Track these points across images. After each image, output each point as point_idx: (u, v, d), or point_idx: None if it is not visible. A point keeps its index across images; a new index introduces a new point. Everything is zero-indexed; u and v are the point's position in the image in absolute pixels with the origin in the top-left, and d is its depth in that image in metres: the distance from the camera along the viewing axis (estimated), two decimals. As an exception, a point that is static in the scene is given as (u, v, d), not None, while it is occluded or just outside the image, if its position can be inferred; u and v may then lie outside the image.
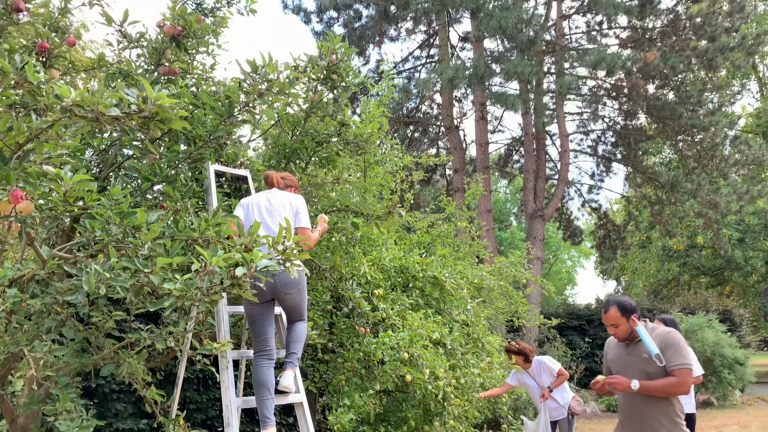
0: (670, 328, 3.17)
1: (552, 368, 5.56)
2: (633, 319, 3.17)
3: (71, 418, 2.94)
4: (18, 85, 2.23)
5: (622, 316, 3.17)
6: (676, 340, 3.07)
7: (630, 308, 3.19)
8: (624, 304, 3.19)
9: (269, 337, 3.44)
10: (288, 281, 3.38)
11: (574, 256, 38.04)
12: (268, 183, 3.65)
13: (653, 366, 3.06)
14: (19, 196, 2.15)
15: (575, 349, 14.76)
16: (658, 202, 17.54)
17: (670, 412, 3.08)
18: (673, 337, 3.09)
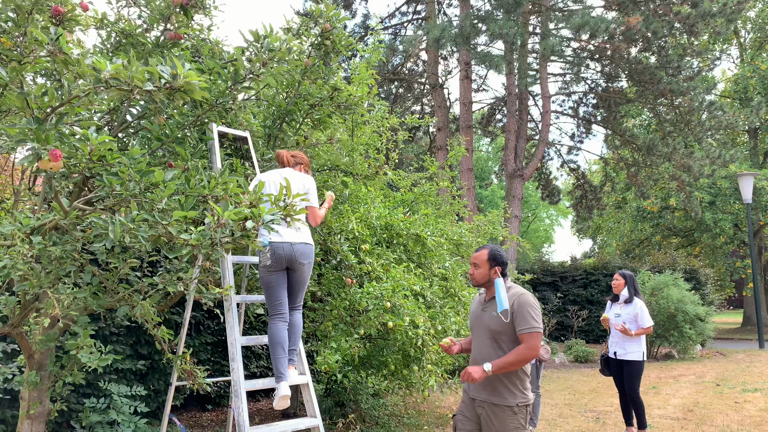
0: (522, 291, 3.09)
1: None
2: (496, 270, 3.14)
3: (91, 352, 3.29)
4: (52, 54, 2.48)
5: (487, 261, 3.15)
6: (527, 303, 3.02)
7: (499, 260, 3.16)
8: (495, 253, 3.17)
9: (284, 302, 3.83)
10: (305, 251, 3.81)
11: (552, 215, 38.86)
12: (279, 161, 3.98)
13: (500, 324, 3.03)
14: (58, 155, 2.43)
15: (548, 304, 15.45)
16: (635, 164, 18.05)
17: (511, 373, 3.03)
18: (524, 299, 3.03)
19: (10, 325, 3.64)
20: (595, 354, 12.72)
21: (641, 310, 5.66)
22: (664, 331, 12.34)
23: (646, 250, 21.75)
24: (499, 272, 3.15)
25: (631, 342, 5.66)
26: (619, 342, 5.74)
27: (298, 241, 3.81)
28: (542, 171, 20.59)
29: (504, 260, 3.18)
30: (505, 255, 3.20)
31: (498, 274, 3.15)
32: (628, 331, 5.57)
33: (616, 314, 5.81)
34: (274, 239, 3.78)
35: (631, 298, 5.75)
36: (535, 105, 18.98)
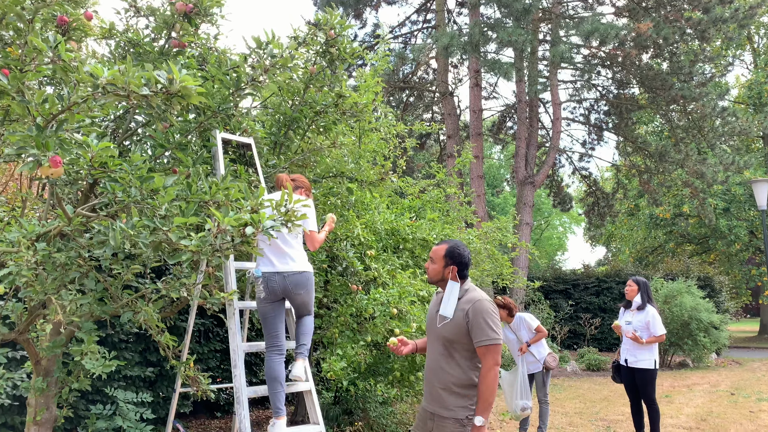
0: (479, 297, 2.74)
1: (531, 324, 5.97)
2: (452, 271, 2.82)
3: (96, 359, 3.31)
4: (52, 61, 2.51)
5: (444, 258, 2.84)
6: (483, 310, 2.68)
7: (457, 259, 2.83)
8: (454, 251, 2.84)
9: (280, 334, 3.77)
10: (298, 282, 3.73)
11: (565, 222, 38.60)
12: (279, 186, 3.89)
13: (453, 332, 2.72)
14: (58, 162, 2.45)
15: (559, 312, 15.33)
16: (647, 171, 17.91)
17: (452, 382, 2.73)
18: (480, 306, 2.69)
19: (17, 331, 3.67)
20: (607, 362, 12.58)
21: (653, 317, 5.58)
22: (677, 339, 12.18)
23: (659, 258, 21.54)
24: (455, 272, 2.81)
25: (642, 349, 5.59)
26: (630, 349, 5.67)
27: (291, 271, 3.72)
28: (554, 178, 20.49)
29: (463, 260, 2.83)
30: (467, 255, 2.86)
31: (454, 275, 2.81)
32: (639, 339, 5.50)
33: (627, 321, 5.73)
34: (266, 269, 3.71)
35: (643, 305, 5.67)
36: (545, 112, 18.92)
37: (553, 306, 15.40)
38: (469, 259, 2.88)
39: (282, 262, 3.73)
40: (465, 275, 2.86)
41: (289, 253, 3.77)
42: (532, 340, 5.89)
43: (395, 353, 3.43)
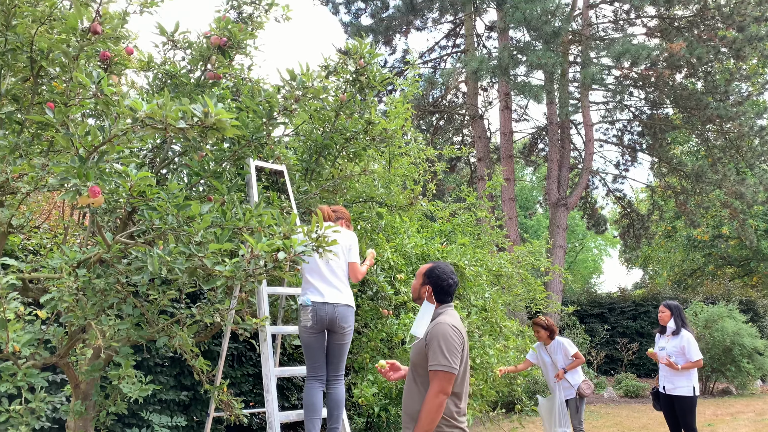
0: (442, 321, 2.63)
1: (569, 350, 5.86)
2: (428, 290, 2.75)
3: (132, 383, 3.38)
4: (95, 96, 2.63)
5: (423, 276, 2.79)
6: (438, 334, 2.56)
7: (434, 280, 2.75)
8: (434, 272, 2.77)
9: (322, 365, 3.82)
10: (346, 315, 3.80)
11: (600, 244, 37.92)
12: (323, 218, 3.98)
13: (416, 354, 2.66)
14: (97, 192, 2.55)
15: (595, 336, 15.01)
16: (683, 192, 17.55)
17: (415, 410, 2.61)
18: (437, 329, 2.58)
19: (58, 355, 3.78)
20: (646, 389, 12.23)
21: (689, 342, 5.43)
22: (720, 366, 11.79)
23: (698, 281, 20.96)
24: (430, 293, 2.73)
25: (679, 376, 5.43)
26: (668, 376, 5.51)
27: (340, 303, 3.79)
28: (587, 200, 20.22)
29: (441, 282, 2.72)
30: (449, 277, 2.74)
31: (429, 295, 2.73)
32: (674, 365, 5.35)
33: (661, 347, 5.59)
34: (316, 299, 3.75)
35: (678, 330, 5.53)
36: (577, 134, 18.77)
37: (588, 330, 15.09)
38: (449, 285, 2.74)
39: (332, 293, 3.79)
40: (443, 300, 2.75)
41: (337, 285, 3.85)
42: (569, 367, 5.79)
43: (384, 377, 3.41)
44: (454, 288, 2.77)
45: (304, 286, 3.87)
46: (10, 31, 3.56)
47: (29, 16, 3.57)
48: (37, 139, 3.79)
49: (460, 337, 2.60)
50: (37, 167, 3.25)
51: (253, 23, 4.54)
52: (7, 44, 3.60)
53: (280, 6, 4.28)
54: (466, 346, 2.68)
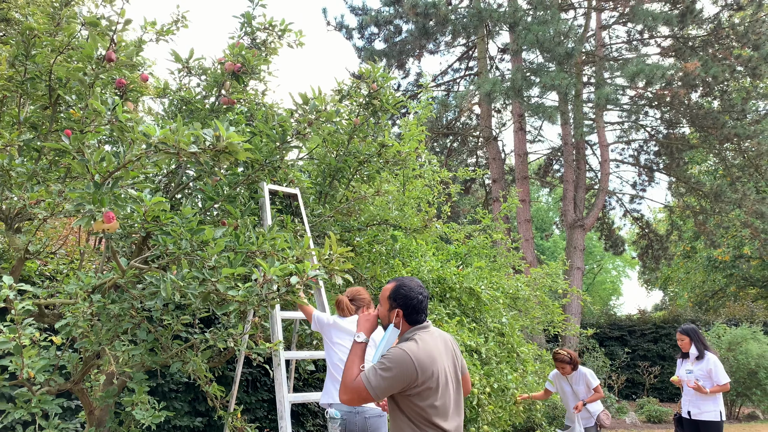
0: (401, 344, 2.47)
1: (591, 382, 5.70)
2: (397, 314, 2.54)
3: (146, 409, 3.36)
4: (110, 122, 2.65)
5: (388, 299, 2.58)
6: (387, 355, 2.43)
7: (400, 300, 2.55)
8: (399, 291, 2.56)
9: None
10: (378, 426, 3.49)
11: (618, 265, 37.46)
12: (339, 309, 3.79)
13: None
14: (111, 217, 2.56)
15: (615, 360, 14.73)
16: (702, 212, 17.33)
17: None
18: (389, 353, 2.44)
19: (72, 381, 3.77)
20: (669, 413, 11.94)
21: (716, 365, 5.29)
22: (745, 389, 11.48)
23: (720, 302, 20.56)
24: (401, 315, 2.53)
25: (706, 400, 5.28)
26: (693, 401, 5.36)
27: (372, 413, 3.46)
28: (604, 221, 20.02)
29: (409, 302, 2.52)
30: (419, 293, 2.54)
31: (399, 321, 2.53)
32: (703, 388, 5.20)
33: (688, 371, 5.44)
34: (344, 409, 3.41)
35: (701, 354, 5.39)
36: (593, 154, 18.68)
37: (608, 354, 14.80)
38: (420, 301, 2.54)
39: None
40: (416, 320, 2.55)
41: None
42: (589, 400, 5.64)
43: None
44: (425, 302, 2.57)
45: (328, 387, 3.60)
46: (29, 60, 3.63)
47: (48, 46, 3.64)
48: (54, 165, 3.84)
49: (409, 368, 2.38)
50: (54, 193, 3.28)
51: (267, 49, 4.58)
52: (26, 73, 3.67)
53: (293, 32, 4.32)
54: (435, 376, 2.46)
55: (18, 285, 2.92)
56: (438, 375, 2.48)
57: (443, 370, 2.52)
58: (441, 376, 2.49)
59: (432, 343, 2.52)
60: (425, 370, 2.42)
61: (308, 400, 3.82)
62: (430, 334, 2.57)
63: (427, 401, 2.43)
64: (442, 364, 2.53)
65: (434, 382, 2.45)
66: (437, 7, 13.47)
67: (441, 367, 2.51)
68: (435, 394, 2.45)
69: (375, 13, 15.71)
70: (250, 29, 4.28)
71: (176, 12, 4.17)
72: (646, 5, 14.16)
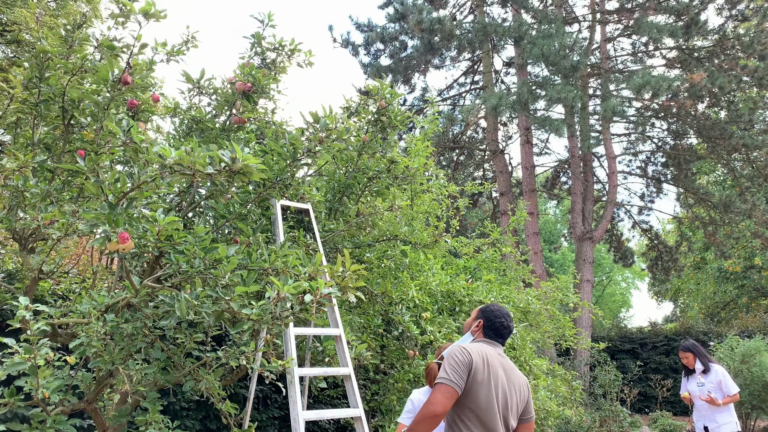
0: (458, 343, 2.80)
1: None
2: (478, 324, 2.89)
3: (159, 428, 3.35)
4: (124, 144, 2.68)
5: (478, 311, 2.95)
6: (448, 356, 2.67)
7: (487, 315, 2.88)
8: (489, 308, 2.91)
9: None
10: None
11: (628, 277, 37.22)
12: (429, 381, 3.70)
13: None
14: (126, 238, 2.58)
15: (627, 373, 14.59)
16: (712, 222, 17.25)
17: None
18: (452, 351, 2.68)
19: (86, 401, 3.77)
20: (683, 427, 11.79)
21: (724, 376, 5.24)
22: (760, 402, 11.32)
23: (732, 313, 20.37)
24: (481, 326, 2.86)
25: (721, 412, 5.22)
26: (708, 414, 5.30)
27: None
28: (613, 233, 19.95)
29: (493, 319, 2.83)
30: (502, 318, 2.84)
31: (479, 329, 2.87)
32: (715, 400, 5.15)
33: (700, 383, 5.40)
34: None
35: (707, 368, 5.35)
36: (600, 166, 18.66)
37: (620, 367, 14.67)
38: (501, 324, 2.83)
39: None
40: (491, 336, 2.82)
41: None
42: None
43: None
44: (505, 329, 2.82)
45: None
46: (43, 82, 3.68)
47: (61, 68, 3.70)
48: (67, 186, 3.88)
49: (467, 356, 2.59)
50: (68, 214, 3.32)
51: (277, 68, 4.63)
52: (40, 95, 3.72)
53: (303, 52, 4.37)
54: (484, 372, 2.60)
55: (33, 306, 2.94)
56: (488, 379, 2.59)
57: (494, 383, 2.61)
58: (482, 377, 2.58)
59: (491, 354, 2.69)
60: (483, 369, 2.59)
61: (322, 418, 3.81)
62: (496, 351, 2.76)
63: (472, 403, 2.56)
64: (496, 379, 2.63)
65: (480, 380, 2.57)
66: (442, 22, 13.57)
67: (493, 378, 2.61)
68: (480, 394, 2.56)
69: (380, 29, 15.85)
70: (260, 49, 4.33)
71: (186, 33, 4.23)
72: (651, 17, 14.21)
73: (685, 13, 14.01)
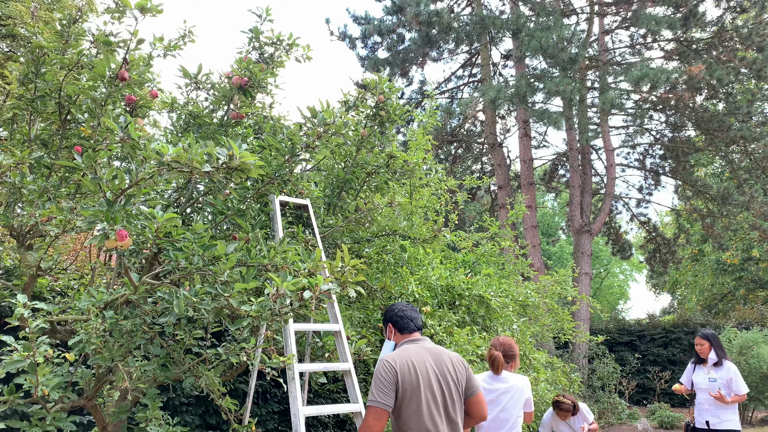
0: (384, 357, 2.90)
1: (588, 418, 5.61)
2: (389, 328, 3.13)
3: (159, 424, 3.35)
4: (122, 140, 2.67)
5: (383, 322, 3.22)
6: (375, 373, 2.84)
7: (387, 317, 3.15)
8: (387, 311, 3.17)
9: None
10: None
11: (625, 269, 37.28)
12: (494, 367, 3.95)
13: None
14: (124, 235, 2.57)
15: (625, 365, 14.64)
16: (710, 214, 17.26)
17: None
18: (378, 368, 2.84)
19: (85, 397, 3.77)
20: (681, 419, 11.85)
21: (736, 374, 5.15)
22: (758, 394, 11.38)
23: (730, 305, 20.43)
24: (391, 332, 3.12)
25: (726, 409, 5.13)
26: (712, 410, 5.20)
27: None
28: (611, 225, 19.97)
29: (388, 317, 3.13)
30: (395, 314, 3.12)
31: (390, 334, 3.12)
32: (724, 398, 5.08)
33: (711, 379, 5.27)
34: None
35: (720, 361, 5.26)
36: (598, 159, 18.65)
37: (618, 359, 14.72)
38: (401, 309, 3.10)
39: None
40: (403, 327, 3.06)
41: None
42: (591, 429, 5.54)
43: None
44: (408, 311, 3.09)
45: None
46: (39, 78, 3.65)
47: (57, 63, 3.67)
48: (64, 182, 3.85)
49: (390, 372, 2.76)
50: (65, 210, 3.30)
51: (274, 63, 4.60)
52: (36, 91, 3.69)
53: (301, 46, 4.34)
54: (411, 375, 2.76)
55: (32, 303, 2.93)
56: (416, 381, 2.76)
57: (424, 381, 2.79)
58: (408, 382, 2.76)
59: (414, 350, 2.89)
60: (409, 374, 2.76)
61: (322, 413, 3.80)
62: (419, 345, 2.95)
63: (408, 409, 2.75)
64: (426, 374, 2.81)
65: (409, 385, 2.75)
66: (440, 15, 13.51)
67: (422, 376, 2.79)
68: (411, 399, 2.74)
69: (378, 22, 15.77)
70: (257, 44, 4.30)
71: (183, 27, 4.20)
72: (649, 9, 14.16)
73: (684, 4, 13.96)
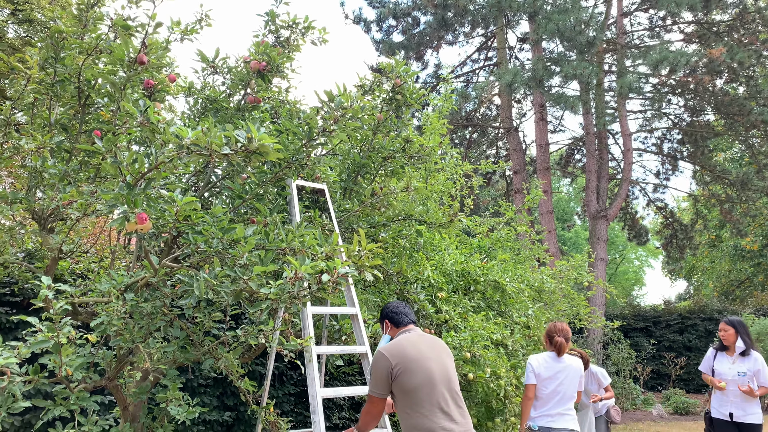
0: (379, 348, 3.06)
1: (602, 381, 5.61)
2: (386, 324, 3.28)
3: (179, 404, 3.41)
4: (141, 124, 2.69)
5: (379, 321, 3.38)
6: (371, 364, 3.03)
7: (384, 314, 3.30)
8: (383, 309, 3.32)
9: None
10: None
11: (641, 255, 37.01)
12: (559, 351, 4.34)
13: None
14: (144, 218, 2.60)
15: (640, 351, 14.59)
16: (728, 200, 17.06)
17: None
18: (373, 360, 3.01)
19: (107, 378, 3.84)
20: (696, 405, 11.81)
21: (764, 366, 4.96)
22: (775, 380, 11.30)
23: (747, 292, 20.23)
24: (387, 327, 3.26)
25: (751, 402, 4.96)
26: (738, 402, 5.01)
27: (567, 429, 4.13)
28: (627, 211, 19.79)
29: (385, 314, 3.29)
30: (391, 311, 3.27)
31: (386, 329, 3.26)
32: (754, 392, 4.90)
33: (741, 372, 5.03)
34: (545, 425, 4.11)
35: (748, 351, 5.03)
36: (615, 143, 18.44)
37: (633, 345, 14.67)
38: (396, 305, 3.28)
39: (563, 420, 4.14)
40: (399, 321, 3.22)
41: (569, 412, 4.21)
42: (602, 398, 5.53)
43: None
44: (404, 317, 3.21)
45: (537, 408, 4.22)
46: (59, 62, 3.68)
47: (76, 48, 3.69)
48: (84, 166, 3.90)
49: (383, 364, 2.92)
50: (86, 194, 3.34)
51: (290, 46, 4.59)
52: (56, 75, 3.72)
53: (317, 29, 4.32)
54: (407, 361, 2.90)
55: (55, 285, 2.98)
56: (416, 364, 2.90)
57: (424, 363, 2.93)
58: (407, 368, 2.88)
59: (411, 339, 3.03)
60: (403, 361, 2.90)
61: (340, 395, 3.85)
62: (416, 334, 3.10)
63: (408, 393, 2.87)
64: (425, 358, 2.95)
65: (412, 369, 2.88)
66: (456, -2, 13.38)
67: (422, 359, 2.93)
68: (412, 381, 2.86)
69: (393, 5, 15.65)
70: (274, 27, 4.29)
71: (200, 11, 4.20)
72: (669, -9, 13.90)
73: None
